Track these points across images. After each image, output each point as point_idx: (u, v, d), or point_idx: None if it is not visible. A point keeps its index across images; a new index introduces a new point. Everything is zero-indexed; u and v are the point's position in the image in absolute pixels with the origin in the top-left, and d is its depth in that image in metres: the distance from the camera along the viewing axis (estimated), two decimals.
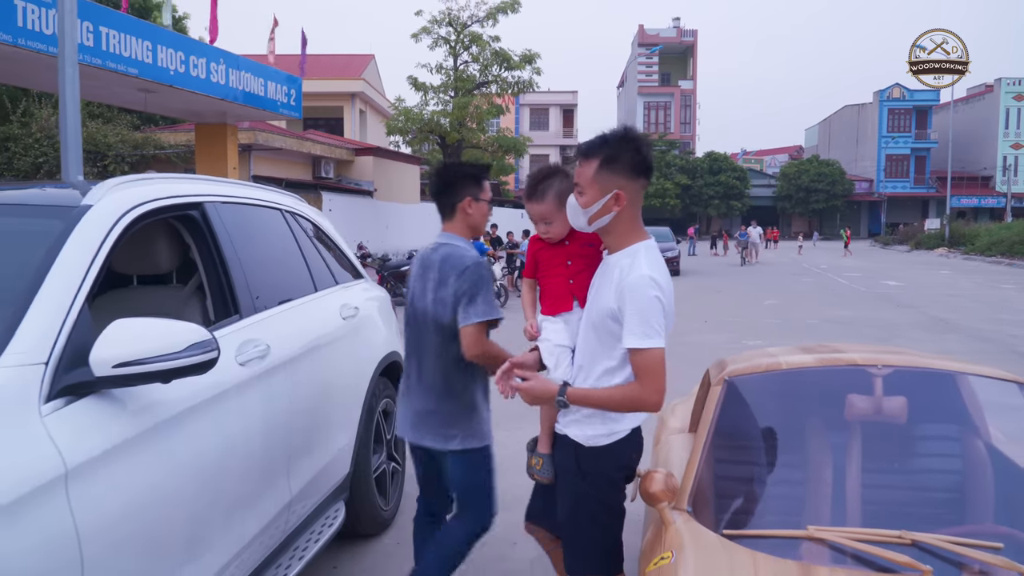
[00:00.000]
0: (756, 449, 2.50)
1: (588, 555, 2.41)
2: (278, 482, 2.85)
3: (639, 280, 2.20)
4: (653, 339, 2.18)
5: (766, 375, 2.59)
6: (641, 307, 2.18)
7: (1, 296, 1.97)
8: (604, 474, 2.37)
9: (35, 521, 1.66)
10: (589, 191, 2.28)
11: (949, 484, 2.33)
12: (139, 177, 2.64)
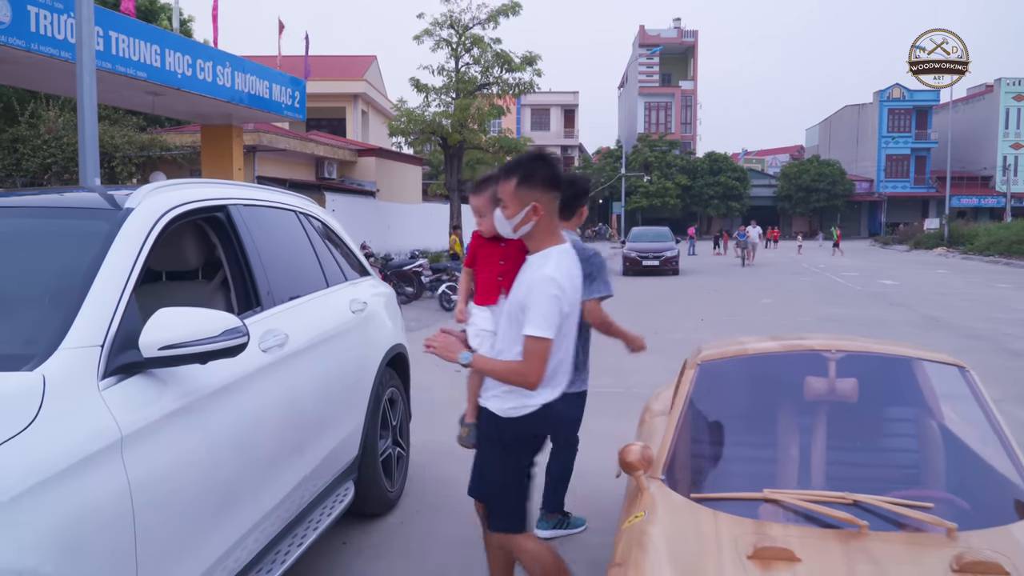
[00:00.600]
0: (724, 424, 2.79)
1: (508, 512, 2.82)
2: (295, 458, 3.15)
3: (542, 279, 2.61)
4: (544, 331, 2.58)
5: (734, 359, 2.89)
6: (540, 303, 2.58)
7: (61, 288, 2.27)
8: (518, 442, 2.77)
9: (97, 476, 1.96)
10: (511, 205, 2.70)
11: (893, 454, 2.62)
12: (173, 182, 2.94)
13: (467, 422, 3.02)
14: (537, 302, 2.59)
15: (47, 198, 3.07)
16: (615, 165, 63.74)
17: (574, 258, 2.79)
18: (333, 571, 3.76)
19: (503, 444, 2.78)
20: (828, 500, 2.27)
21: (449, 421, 6.28)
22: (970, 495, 2.41)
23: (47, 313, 2.19)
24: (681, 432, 2.65)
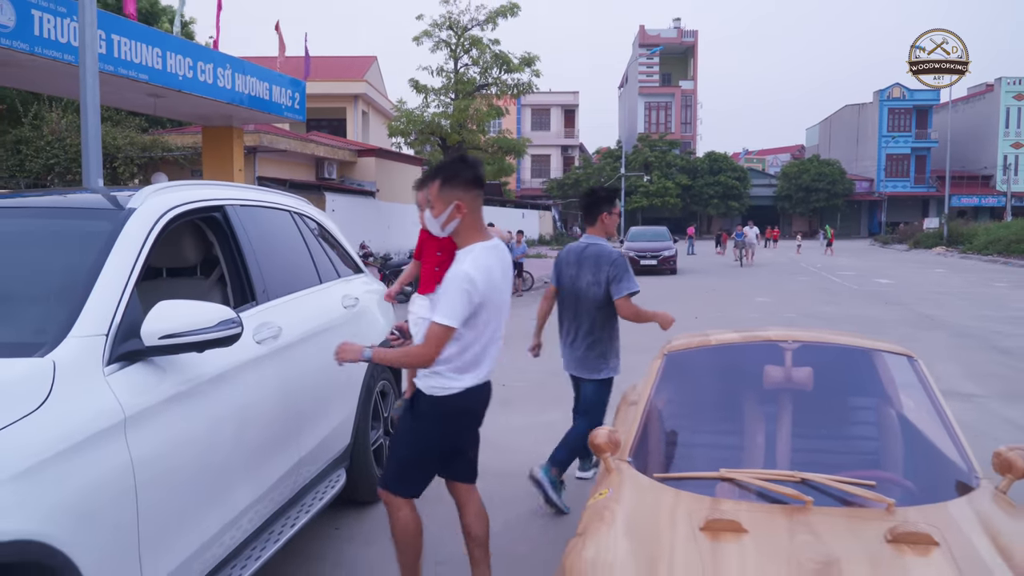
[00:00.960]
0: (688, 410, 2.98)
1: (397, 473, 3.09)
2: (288, 444, 3.33)
3: (456, 273, 2.89)
4: (447, 319, 2.84)
5: (698, 350, 3.08)
6: (450, 294, 2.86)
7: (69, 282, 2.45)
8: (428, 416, 3.03)
9: (103, 453, 2.14)
10: (437, 204, 2.98)
11: (845, 437, 2.80)
12: (172, 184, 3.12)
13: (403, 396, 3.33)
14: (447, 293, 2.86)
15: (54, 199, 3.26)
16: (615, 165, 63.85)
17: (497, 255, 3.03)
18: (326, 555, 3.94)
19: (414, 415, 3.06)
20: (778, 478, 2.45)
21: None
22: (913, 475, 2.59)
23: (56, 305, 2.37)
24: (647, 418, 2.83)
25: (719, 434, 2.85)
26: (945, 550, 2.08)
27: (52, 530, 1.91)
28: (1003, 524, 2.22)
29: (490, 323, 3.00)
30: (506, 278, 3.08)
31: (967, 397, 7.38)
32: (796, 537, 2.16)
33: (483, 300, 2.91)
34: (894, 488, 2.49)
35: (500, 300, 3.04)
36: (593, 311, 4.45)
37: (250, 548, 3.04)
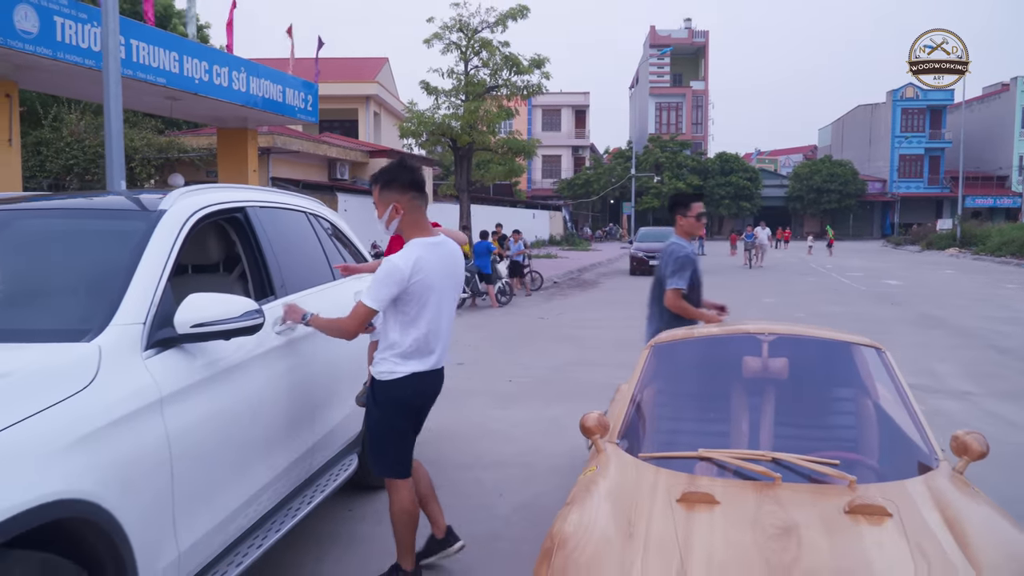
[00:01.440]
0: (672, 396, 3.22)
1: (381, 459, 3.40)
2: (304, 428, 3.59)
3: (386, 263, 3.23)
4: (370, 301, 3.18)
5: (683, 342, 3.32)
6: (378, 279, 3.19)
7: (110, 277, 2.71)
8: (387, 402, 3.33)
9: (143, 427, 2.41)
10: (378, 206, 3.34)
11: (817, 421, 3.03)
12: (198, 187, 3.38)
13: (365, 383, 3.65)
14: (376, 279, 3.20)
15: (93, 201, 3.54)
16: (626, 165, 63.98)
17: (437, 250, 3.32)
18: (339, 534, 4.20)
19: (376, 402, 3.37)
20: (751, 458, 2.69)
21: (455, 409, 6.76)
22: (877, 456, 2.82)
23: (99, 296, 2.64)
24: (635, 403, 3.08)
25: (700, 418, 3.09)
26: (897, 520, 2.31)
27: (101, 492, 2.17)
28: (953, 499, 2.44)
29: (430, 313, 3.29)
30: (448, 273, 3.36)
31: (962, 395, 7.58)
32: (762, 507, 2.40)
33: (412, 289, 3.21)
34: (858, 467, 2.72)
35: (441, 292, 3.31)
36: (660, 296, 4.95)
37: (270, 522, 3.31)
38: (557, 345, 10.87)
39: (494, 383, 8.15)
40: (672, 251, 4.87)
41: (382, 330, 3.38)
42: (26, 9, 11.20)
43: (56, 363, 2.30)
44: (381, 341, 3.40)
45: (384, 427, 3.37)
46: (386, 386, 3.31)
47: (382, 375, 3.31)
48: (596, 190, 64.36)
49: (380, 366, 3.32)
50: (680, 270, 4.75)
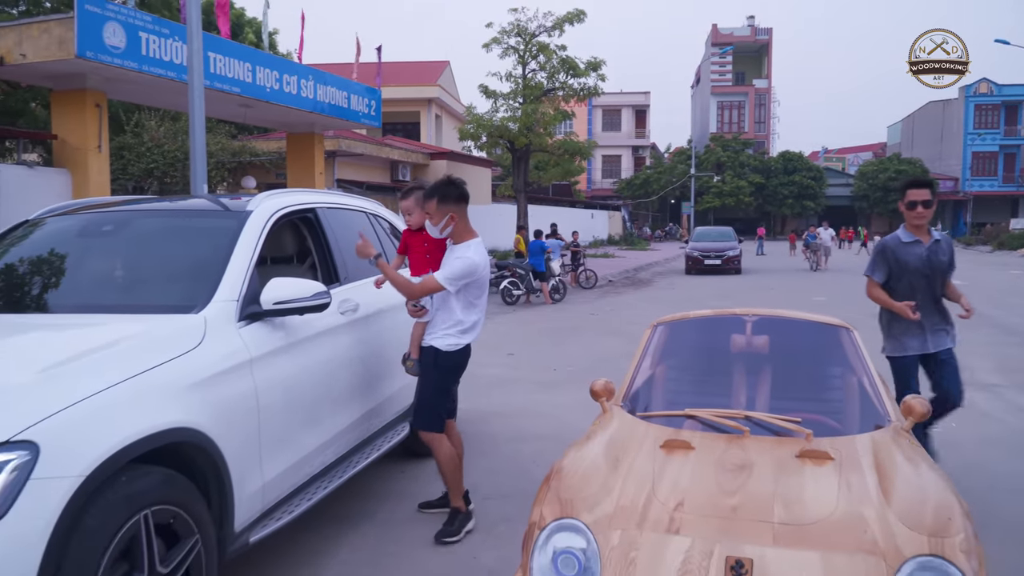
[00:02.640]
0: (669, 367, 3.77)
1: (430, 416, 4.14)
2: (362, 394, 4.27)
3: (467, 256, 4.02)
4: (444, 281, 3.95)
5: (680, 322, 3.87)
6: (456, 266, 3.99)
7: (210, 263, 3.41)
8: (449, 368, 4.15)
9: (237, 379, 3.09)
10: (435, 216, 4.06)
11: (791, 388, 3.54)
12: (277, 192, 4.08)
13: (412, 358, 4.33)
14: (454, 265, 3.99)
15: (191, 203, 4.28)
16: (686, 165, 63.80)
17: (484, 247, 4.17)
18: (391, 489, 4.86)
19: (437, 368, 4.12)
20: (728, 415, 3.23)
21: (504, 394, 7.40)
22: (837, 416, 3.32)
23: (204, 279, 3.34)
24: (637, 372, 3.65)
25: (692, 385, 3.64)
26: (837, 463, 2.83)
27: (209, 425, 2.85)
28: (888, 449, 2.94)
29: (483, 299, 4.19)
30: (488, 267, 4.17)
31: (989, 387, 7.87)
32: (728, 452, 2.94)
33: (479, 280, 4.07)
34: (819, 425, 3.23)
35: (487, 283, 4.17)
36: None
37: (334, 471, 3.98)
38: (604, 338, 11.40)
39: (540, 372, 8.75)
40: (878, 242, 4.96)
41: (446, 310, 4.12)
42: (115, 26, 12.26)
43: (174, 328, 3.00)
44: (446, 319, 4.12)
45: (441, 388, 4.16)
46: (450, 355, 4.11)
47: (449, 347, 4.10)
48: (656, 190, 64.34)
49: (446, 340, 4.10)
50: (869, 259, 4.92)
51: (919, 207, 4.69)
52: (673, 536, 2.45)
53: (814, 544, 2.35)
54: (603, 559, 2.42)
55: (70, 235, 3.94)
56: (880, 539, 2.32)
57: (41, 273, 3.67)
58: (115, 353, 2.73)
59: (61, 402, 2.38)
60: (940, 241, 4.83)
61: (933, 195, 4.73)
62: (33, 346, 2.88)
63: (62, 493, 2.27)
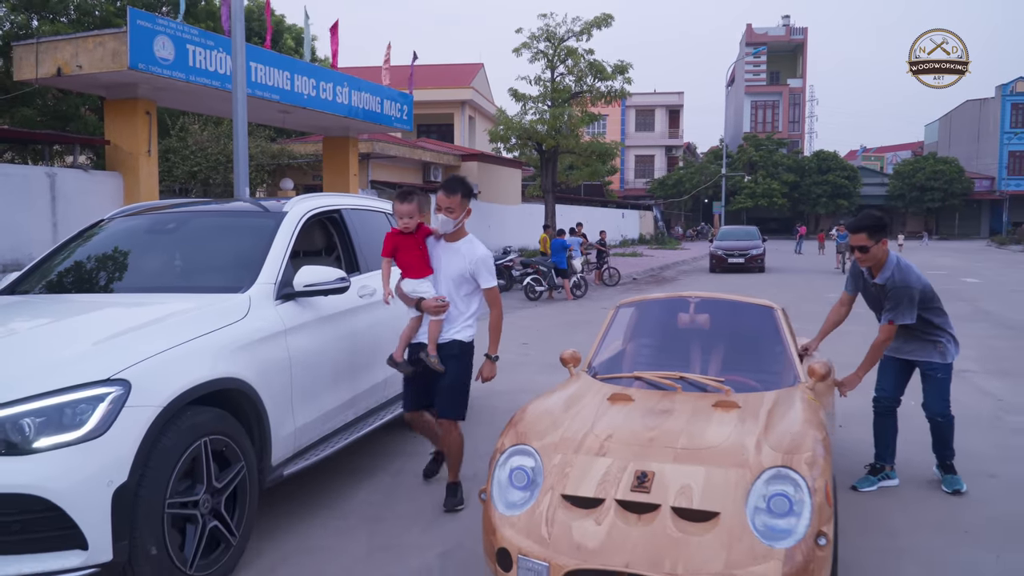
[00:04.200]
0: (627, 340, 4.53)
1: (463, 404, 4.46)
2: (377, 366, 5.07)
3: (485, 254, 4.39)
4: (496, 282, 4.37)
5: (638, 303, 4.65)
6: (489, 264, 4.39)
7: (253, 254, 4.26)
8: (471, 354, 4.48)
9: (274, 345, 3.93)
10: (457, 210, 4.29)
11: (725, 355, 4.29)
12: (309, 196, 4.92)
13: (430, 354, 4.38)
14: (487, 265, 4.38)
15: (236, 205, 5.15)
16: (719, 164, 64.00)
17: None
18: (403, 449, 5.68)
19: (464, 359, 4.43)
20: (667, 376, 3.99)
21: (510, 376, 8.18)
22: (756, 378, 4.06)
23: (248, 267, 4.18)
24: (600, 344, 4.42)
25: (645, 354, 4.41)
26: (741, 411, 3.57)
27: (253, 377, 3.69)
28: (785, 401, 3.67)
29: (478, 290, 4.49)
30: None
31: (960, 372, 8.42)
32: (660, 403, 3.71)
33: None
34: (741, 384, 3.97)
35: None
36: None
37: (353, 428, 4.81)
38: None
39: (547, 357, 9.52)
40: None
41: (465, 303, 4.40)
42: (164, 39, 13.28)
43: (226, 304, 3.85)
44: (463, 312, 4.40)
45: (468, 377, 4.47)
46: (472, 345, 4.46)
47: (469, 337, 4.44)
48: (688, 189, 64.64)
49: (467, 332, 4.43)
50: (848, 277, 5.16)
51: (856, 252, 4.63)
52: (599, 457, 3.23)
53: (702, 461, 3.11)
54: (546, 473, 3.21)
55: (140, 231, 4.84)
56: (751, 458, 3.08)
57: (119, 261, 4.56)
58: (183, 320, 3.59)
59: (145, 352, 3.24)
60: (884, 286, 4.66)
61: (873, 236, 4.52)
62: (122, 314, 3.75)
63: (146, 419, 3.11)
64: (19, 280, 4.61)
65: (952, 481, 4.81)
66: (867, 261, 4.64)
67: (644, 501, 2.98)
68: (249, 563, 3.74)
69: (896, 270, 4.60)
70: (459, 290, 4.40)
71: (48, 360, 3.15)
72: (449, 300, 4.37)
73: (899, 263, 4.63)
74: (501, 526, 3.10)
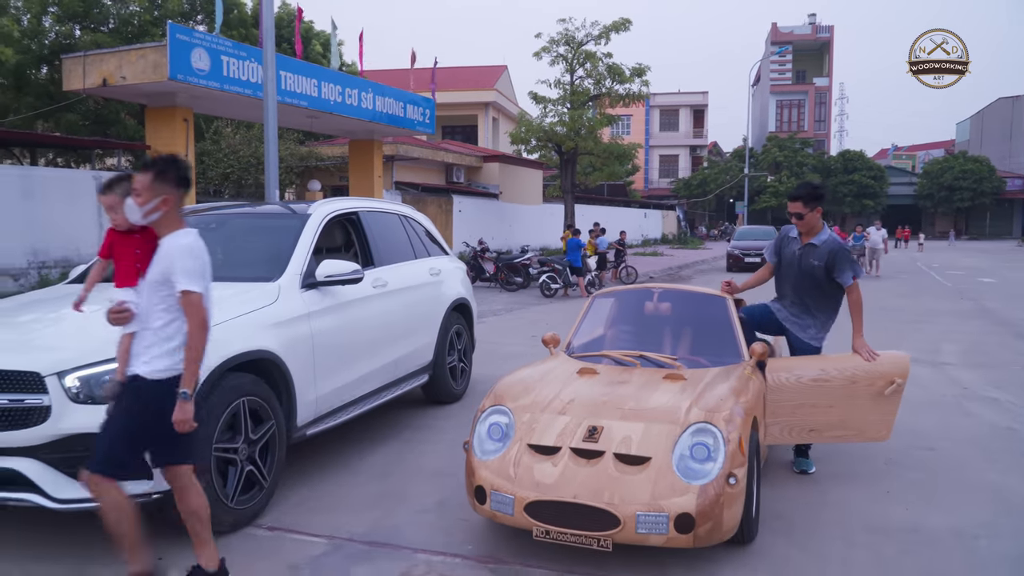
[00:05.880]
0: (600, 325, 5.26)
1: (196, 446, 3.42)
2: (389, 345, 5.85)
3: (184, 245, 3.24)
4: (197, 285, 3.21)
5: (611, 293, 5.38)
6: (187, 264, 3.20)
7: (282, 251, 5.04)
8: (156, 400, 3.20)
9: (299, 326, 4.71)
10: (144, 194, 3.22)
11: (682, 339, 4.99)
12: (331, 199, 5.70)
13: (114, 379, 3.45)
14: (186, 263, 3.20)
15: (267, 208, 5.95)
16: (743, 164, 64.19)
17: (201, 241, 3.36)
18: (412, 422, 6.44)
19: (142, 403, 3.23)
20: (630, 354, 4.71)
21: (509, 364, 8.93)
22: (707, 356, 4.76)
23: (278, 260, 4.96)
24: (577, 329, 5.15)
25: (615, 336, 5.13)
26: (686, 382, 4.28)
27: (282, 351, 4.47)
28: (723, 376, 4.36)
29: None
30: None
31: (939, 364, 9.07)
32: (619, 376, 4.43)
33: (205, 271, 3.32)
34: (692, 362, 4.68)
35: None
36: None
37: (367, 400, 5.58)
38: None
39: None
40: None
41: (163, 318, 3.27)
42: (200, 52, 14.20)
43: (260, 291, 4.64)
44: (161, 333, 3.26)
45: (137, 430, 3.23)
46: (159, 386, 3.24)
47: (162, 373, 3.24)
48: (712, 189, 64.92)
49: (159, 363, 3.24)
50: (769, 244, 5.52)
51: (793, 218, 5.11)
52: (561, 416, 3.96)
53: (643, 419, 3.84)
54: (516, 427, 3.95)
55: None
56: (681, 416, 3.80)
57: None
58: (225, 302, 4.37)
59: None
60: (816, 246, 5.05)
61: (808, 204, 5.00)
62: None
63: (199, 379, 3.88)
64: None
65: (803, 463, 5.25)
66: (802, 227, 5.11)
67: (592, 448, 3.72)
68: (277, 504, 4.53)
69: (828, 234, 5.11)
70: (154, 296, 3.28)
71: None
72: (146, 314, 3.29)
73: (831, 232, 5.13)
74: (478, 469, 3.85)
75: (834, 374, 4.78)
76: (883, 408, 4.79)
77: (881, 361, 4.80)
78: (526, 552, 3.87)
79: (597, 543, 3.48)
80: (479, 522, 4.25)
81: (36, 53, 23.08)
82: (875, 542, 4.07)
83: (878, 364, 4.78)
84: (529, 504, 3.59)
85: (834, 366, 4.83)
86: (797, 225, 5.18)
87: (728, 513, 3.53)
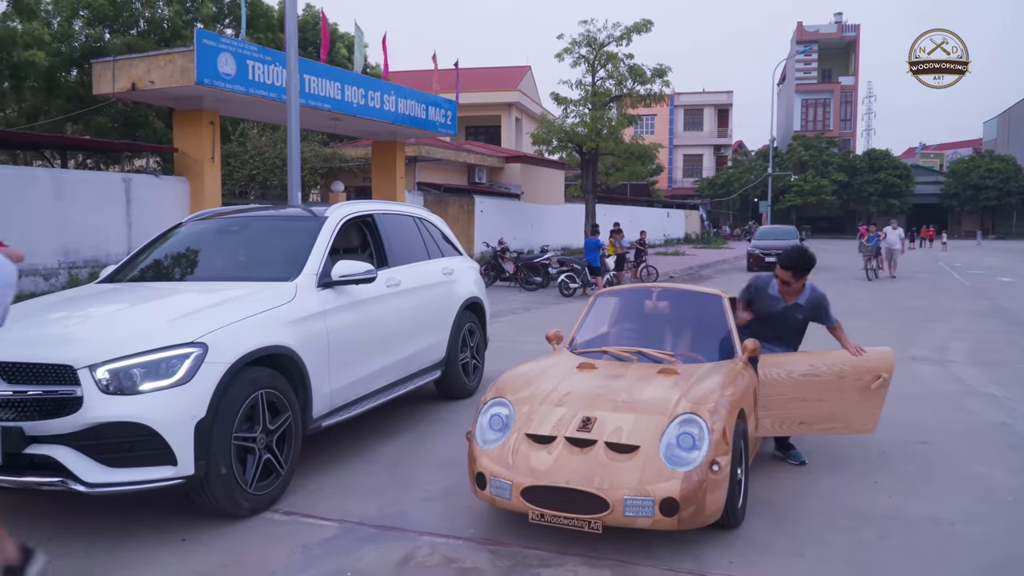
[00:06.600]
0: (602, 323, 5.49)
1: None
2: (402, 343, 6.12)
3: None
4: None
5: (613, 292, 5.61)
6: None
7: (300, 251, 5.32)
8: None
9: (315, 323, 4.99)
10: None
11: (680, 335, 5.21)
12: (347, 202, 5.99)
13: None
14: None
15: (287, 210, 6.25)
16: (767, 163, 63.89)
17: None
18: (425, 416, 6.71)
19: None
20: (629, 350, 4.94)
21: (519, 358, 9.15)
22: (702, 353, 4.98)
23: (296, 260, 5.25)
24: (580, 325, 5.39)
25: (615, 333, 5.36)
26: (679, 376, 4.51)
27: (298, 347, 4.75)
28: (715, 370, 4.58)
29: None
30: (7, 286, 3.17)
31: (943, 361, 9.20)
32: (616, 370, 4.66)
33: None
34: (688, 358, 4.90)
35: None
36: None
37: (380, 394, 5.86)
38: None
39: None
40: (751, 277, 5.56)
41: None
42: (227, 56, 14.60)
43: (278, 290, 4.93)
44: None
45: None
46: None
47: None
48: (736, 188, 64.69)
49: None
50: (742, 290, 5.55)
51: (782, 284, 5.27)
52: (557, 407, 4.21)
53: (634, 410, 4.07)
54: (516, 418, 4.20)
55: (211, 232, 5.97)
56: (670, 408, 4.03)
57: (196, 256, 5.70)
58: (246, 300, 4.68)
59: (219, 323, 4.32)
60: (801, 305, 5.33)
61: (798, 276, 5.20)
62: (200, 296, 4.86)
63: (219, 372, 4.18)
64: (115, 272, 5.77)
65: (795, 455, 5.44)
66: (788, 291, 5.31)
67: (585, 438, 3.96)
68: (293, 490, 4.82)
69: (810, 289, 5.36)
70: None
71: (147, 328, 4.25)
72: None
73: (811, 285, 5.37)
74: (479, 457, 4.11)
75: (823, 369, 5.01)
76: (870, 402, 5.00)
77: (868, 357, 5.03)
78: (525, 535, 4.13)
79: (588, 525, 3.73)
80: (482, 508, 4.51)
81: (66, 56, 23.64)
82: (855, 526, 4.27)
83: (865, 359, 5.00)
84: (525, 489, 3.84)
85: (823, 361, 5.06)
86: (783, 289, 5.32)
87: (711, 498, 3.76)
